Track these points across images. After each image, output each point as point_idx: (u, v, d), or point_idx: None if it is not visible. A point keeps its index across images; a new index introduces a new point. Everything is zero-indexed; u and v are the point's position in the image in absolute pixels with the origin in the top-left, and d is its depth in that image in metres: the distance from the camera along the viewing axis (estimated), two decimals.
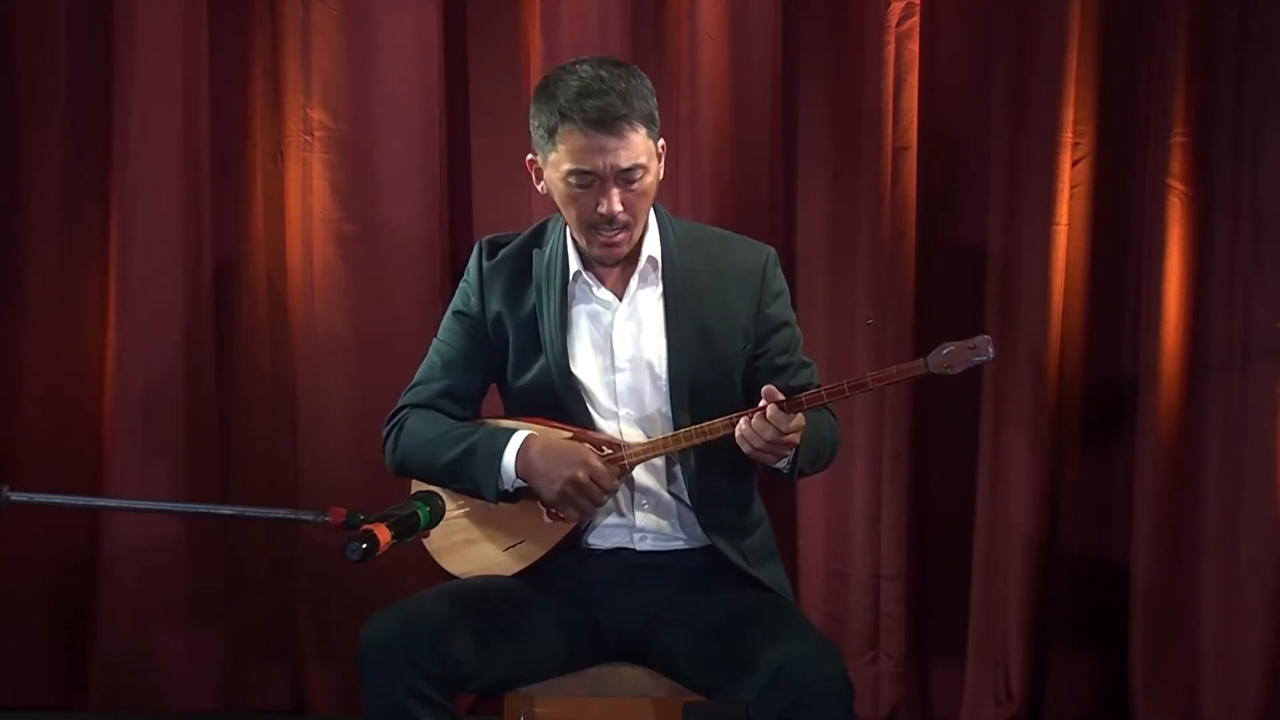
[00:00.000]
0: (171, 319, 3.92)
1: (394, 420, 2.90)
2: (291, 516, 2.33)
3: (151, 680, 3.94)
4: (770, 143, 3.84)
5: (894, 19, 3.73)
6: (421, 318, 3.73)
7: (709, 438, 2.71)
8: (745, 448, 2.65)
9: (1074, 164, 3.72)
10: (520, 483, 2.76)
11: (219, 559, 3.96)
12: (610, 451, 2.75)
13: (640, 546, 2.84)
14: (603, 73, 2.68)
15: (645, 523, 2.83)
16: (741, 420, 2.64)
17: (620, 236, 2.74)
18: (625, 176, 2.69)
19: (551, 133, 2.70)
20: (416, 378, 2.92)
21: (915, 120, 3.75)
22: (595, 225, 2.72)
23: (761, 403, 2.62)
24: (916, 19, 3.73)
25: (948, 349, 2.65)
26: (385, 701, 2.57)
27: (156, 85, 3.87)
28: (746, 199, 3.82)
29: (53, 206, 3.93)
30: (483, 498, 2.78)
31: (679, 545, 2.84)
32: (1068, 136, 3.70)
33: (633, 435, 2.81)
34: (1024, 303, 3.74)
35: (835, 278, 3.82)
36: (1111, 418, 3.82)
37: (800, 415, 2.65)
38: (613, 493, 2.75)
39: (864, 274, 3.80)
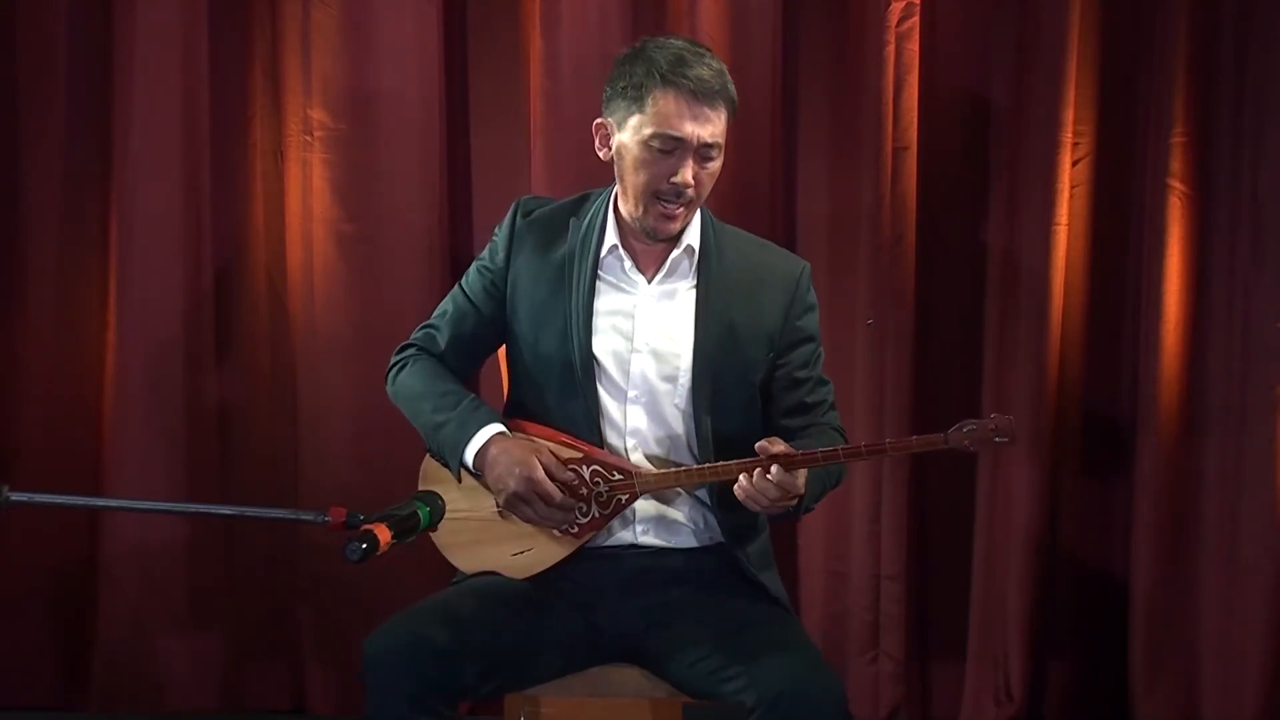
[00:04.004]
0: (171, 318, 3.92)
1: (400, 358, 2.95)
2: (291, 516, 2.33)
3: (151, 680, 3.94)
4: (770, 142, 3.84)
5: (894, 19, 3.73)
6: (422, 317, 3.72)
7: (722, 478, 2.69)
8: (752, 506, 2.64)
9: (1074, 164, 3.72)
10: (478, 474, 2.78)
11: (219, 559, 3.96)
12: (621, 478, 2.74)
13: (643, 540, 2.82)
14: (700, 49, 2.73)
15: (645, 511, 2.81)
16: (742, 477, 2.62)
17: (680, 210, 2.73)
18: (704, 152, 2.70)
19: (641, 95, 2.69)
20: (431, 318, 2.97)
21: (915, 120, 3.75)
22: (662, 195, 2.71)
23: (761, 456, 2.60)
24: (916, 19, 3.73)
25: (969, 426, 2.62)
26: (388, 711, 2.58)
27: (156, 85, 3.87)
28: (746, 198, 3.81)
29: (53, 206, 3.93)
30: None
31: (680, 543, 2.83)
32: (1068, 136, 3.70)
33: (638, 419, 2.79)
34: (1024, 303, 3.74)
35: (835, 278, 3.82)
36: (1111, 417, 3.82)
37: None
38: (564, 509, 2.73)
39: (864, 274, 3.80)
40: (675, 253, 2.81)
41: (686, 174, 2.70)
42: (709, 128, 2.69)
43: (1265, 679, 3.66)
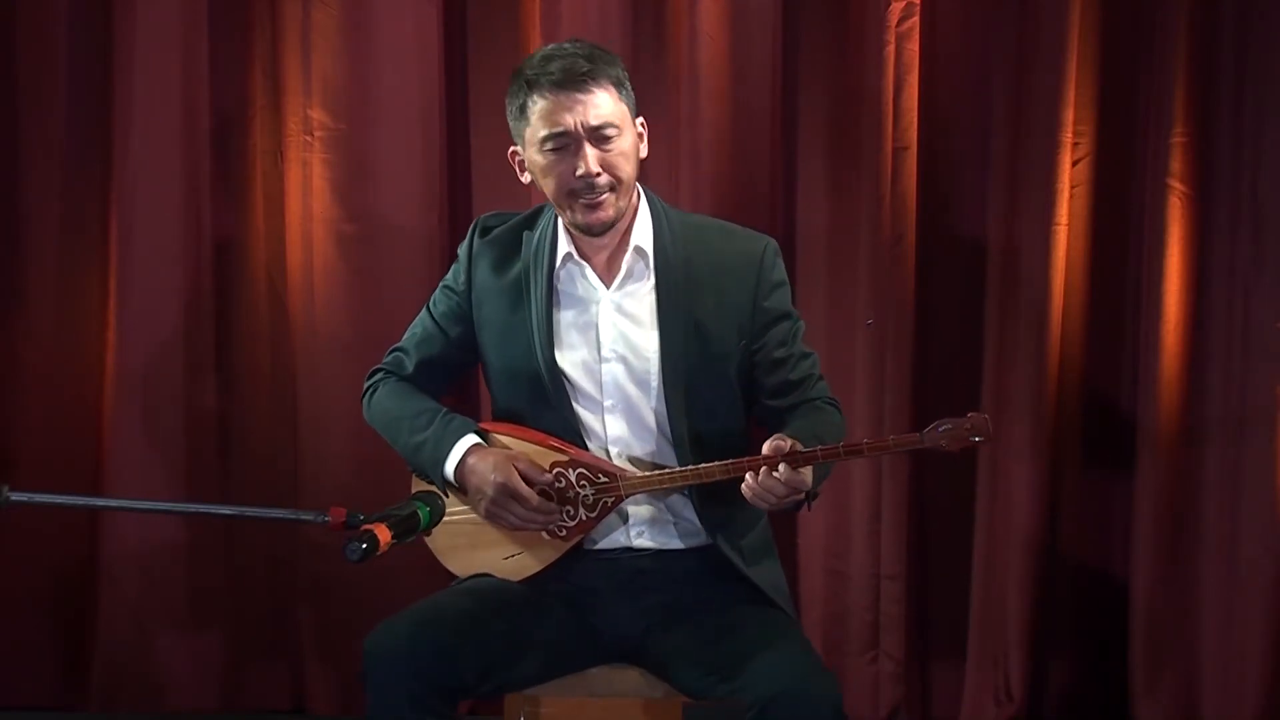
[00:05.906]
0: (171, 318, 3.92)
1: (371, 382, 2.93)
2: (291, 516, 2.33)
3: (151, 680, 3.95)
4: (770, 143, 3.84)
5: (894, 19, 3.73)
6: None
7: (705, 480, 2.67)
8: (762, 505, 2.61)
9: (1074, 164, 3.73)
10: (460, 488, 2.77)
11: (219, 559, 3.97)
12: (606, 480, 2.72)
13: (638, 543, 2.81)
14: (565, 45, 2.73)
15: (639, 513, 2.80)
16: (749, 476, 2.58)
17: (604, 198, 2.70)
18: (598, 134, 2.67)
19: (523, 108, 2.70)
20: (401, 341, 2.95)
21: (915, 120, 3.75)
22: (576, 191, 2.69)
23: (765, 452, 2.55)
24: (916, 19, 3.73)
25: (945, 426, 2.59)
26: (388, 711, 2.58)
27: (156, 85, 3.88)
28: (746, 199, 3.82)
29: (53, 206, 3.94)
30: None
31: (676, 544, 2.82)
32: (1068, 136, 3.70)
33: (618, 427, 2.78)
34: (1024, 303, 3.74)
35: (835, 278, 3.82)
36: (1111, 418, 3.82)
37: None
38: (543, 512, 2.72)
39: (864, 274, 3.80)
40: (629, 254, 2.78)
41: (589, 163, 2.67)
42: (590, 111, 2.66)
43: (1265, 679, 3.67)
